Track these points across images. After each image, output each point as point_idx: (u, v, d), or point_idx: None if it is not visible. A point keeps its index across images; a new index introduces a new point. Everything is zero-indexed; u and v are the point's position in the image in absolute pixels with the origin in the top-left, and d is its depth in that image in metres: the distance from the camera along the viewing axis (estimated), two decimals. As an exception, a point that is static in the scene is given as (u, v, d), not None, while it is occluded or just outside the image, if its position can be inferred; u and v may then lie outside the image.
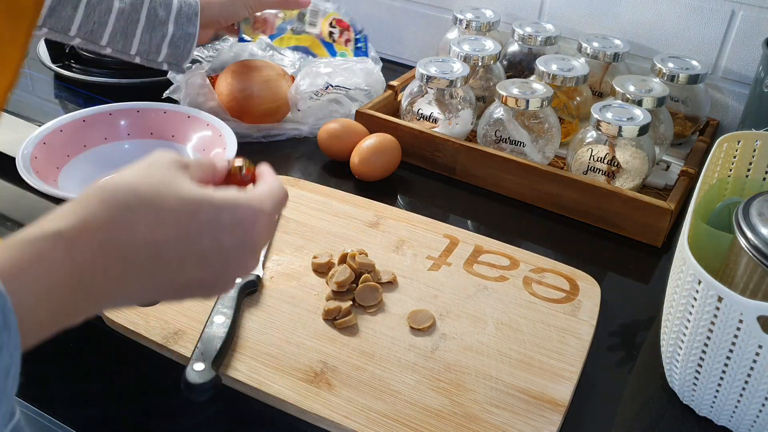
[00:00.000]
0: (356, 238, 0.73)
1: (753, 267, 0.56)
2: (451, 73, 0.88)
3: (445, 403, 0.55)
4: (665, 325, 0.58)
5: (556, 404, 0.56)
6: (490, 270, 0.70)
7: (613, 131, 0.78)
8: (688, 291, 0.52)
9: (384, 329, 0.62)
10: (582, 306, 0.66)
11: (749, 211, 0.57)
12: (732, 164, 0.69)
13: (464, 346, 0.61)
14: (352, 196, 0.80)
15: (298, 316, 0.63)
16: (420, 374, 0.58)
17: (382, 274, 0.67)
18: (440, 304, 0.65)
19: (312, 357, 0.59)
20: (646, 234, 0.78)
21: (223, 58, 1.04)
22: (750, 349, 0.50)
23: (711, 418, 0.57)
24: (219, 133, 0.84)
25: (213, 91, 0.94)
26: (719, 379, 0.53)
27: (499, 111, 0.85)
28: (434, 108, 0.89)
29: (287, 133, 0.94)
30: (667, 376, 0.60)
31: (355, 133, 0.88)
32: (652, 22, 1.00)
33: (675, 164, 0.90)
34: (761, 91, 0.84)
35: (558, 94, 0.90)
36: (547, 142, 0.85)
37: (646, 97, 0.83)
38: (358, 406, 0.54)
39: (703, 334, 0.52)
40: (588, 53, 0.96)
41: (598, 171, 0.81)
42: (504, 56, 1.03)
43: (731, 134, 0.67)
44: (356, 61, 1.00)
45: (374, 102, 0.94)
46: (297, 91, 0.93)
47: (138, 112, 0.86)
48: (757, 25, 0.94)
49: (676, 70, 0.90)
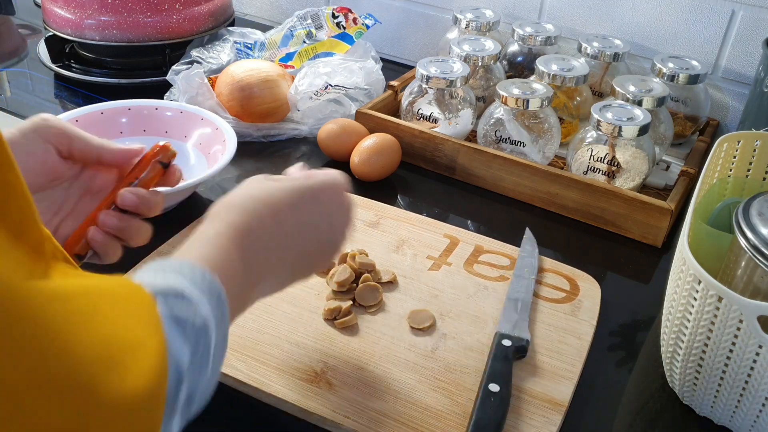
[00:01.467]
0: (356, 238, 0.73)
1: (753, 267, 0.56)
2: (451, 73, 0.88)
3: (445, 402, 0.55)
4: (665, 325, 0.58)
5: (556, 404, 0.56)
6: (490, 270, 0.70)
7: (613, 131, 0.78)
8: (688, 291, 0.53)
9: (384, 329, 0.62)
10: (582, 306, 0.66)
11: (749, 211, 0.57)
12: (732, 164, 0.69)
13: (464, 346, 0.61)
14: (351, 196, 0.80)
15: (298, 316, 0.63)
16: (420, 374, 0.58)
17: (382, 274, 0.67)
18: (440, 304, 0.65)
19: (312, 357, 0.59)
20: (646, 234, 0.78)
21: (223, 59, 1.04)
22: (750, 349, 0.50)
23: (711, 418, 0.57)
24: (215, 127, 0.84)
25: (212, 90, 0.94)
26: (719, 379, 0.53)
27: (499, 111, 0.85)
28: (434, 108, 0.89)
29: (287, 133, 0.94)
30: (667, 376, 0.60)
31: (355, 133, 0.88)
32: (652, 22, 1.00)
33: (675, 164, 0.90)
34: (761, 91, 0.84)
35: (558, 94, 0.90)
36: (547, 142, 0.85)
37: (646, 97, 0.83)
38: (358, 406, 0.54)
39: (703, 334, 0.52)
40: (588, 53, 0.96)
41: (598, 171, 0.81)
42: (504, 56, 1.03)
43: (731, 134, 0.67)
44: (356, 60, 1.00)
45: (374, 102, 0.94)
46: (297, 91, 0.93)
47: (129, 109, 0.86)
48: (757, 25, 0.94)
49: (676, 70, 0.90)
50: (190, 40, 1.06)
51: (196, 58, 1.03)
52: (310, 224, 0.49)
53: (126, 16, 1.01)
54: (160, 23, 1.03)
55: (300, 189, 0.49)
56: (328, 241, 0.52)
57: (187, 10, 1.05)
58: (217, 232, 0.43)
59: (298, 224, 0.48)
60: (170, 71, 0.98)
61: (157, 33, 1.03)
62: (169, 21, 1.03)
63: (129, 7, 1.01)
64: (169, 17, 1.03)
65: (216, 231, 0.43)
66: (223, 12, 1.12)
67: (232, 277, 0.42)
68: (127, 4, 1.01)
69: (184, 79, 0.94)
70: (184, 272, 0.38)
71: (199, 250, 0.42)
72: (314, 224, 0.50)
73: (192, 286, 0.37)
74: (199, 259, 0.40)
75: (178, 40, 1.05)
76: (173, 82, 0.96)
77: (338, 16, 1.06)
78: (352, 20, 1.06)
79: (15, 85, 1.06)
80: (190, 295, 0.36)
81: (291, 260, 0.48)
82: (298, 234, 0.48)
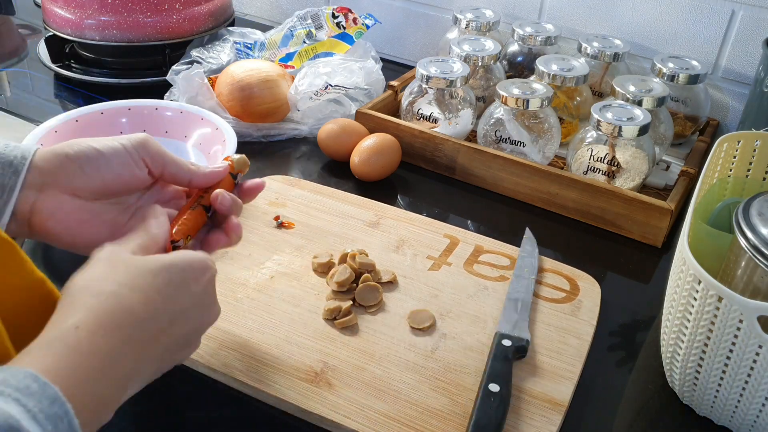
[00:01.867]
0: (356, 238, 0.74)
1: (753, 267, 0.56)
2: (451, 73, 0.88)
3: (445, 402, 0.55)
4: (665, 325, 0.58)
5: (556, 404, 0.56)
6: (490, 270, 0.70)
7: (613, 131, 0.78)
8: (688, 291, 0.53)
9: (384, 329, 0.62)
10: (582, 306, 0.66)
11: (749, 211, 0.57)
12: (732, 164, 0.69)
13: (464, 346, 0.61)
14: (352, 196, 0.80)
15: (298, 316, 0.63)
16: (420, 374, 0.58)
17: (382, 274, 0.67)
18: (440, 304, 0.65)
19: (312, 357, 0.59)
20: (646, 234, 0.78)
21: (223, 59, 1.04)
22: (750, 349, 0.50)
23: (711, 418, 0.57)
24: (215, 127, 0.84)
25: (212, 90, 0.94)
26: (719, 379, 0.53)
27: (499, 111, 0.85)
28: (434, 108, 0.89)
29: (287, 133, 0.94)
30: (667, 376, 0.60)
31: (355, 133, 0.88)
32: (652, 22, 1.00)
33: (675, 164, 0.90)
34: (761, 91, 0.84)
35: (558, 94, 0.90)
36: (547, 142, 0.85)
37: (646, 97, 0.83)
38: (359, 406, 0.54)
39: (703, 334, 0.52)
40: (588, 53, 0.96)
41: (598, 171, 0.81)
42: (504, 56, 1.03)
43: (731, 134, 0.67)
44: (356, 60, 1.00)
45: (374, 102, 0.94)
46: (297, 91, 0.93)
47: (129, 109, 0.86)
48: (757, 25, 0.94)
49: (676, 70, 0.90)
50: (190, 40, 1.06)
51: (196, 58, 1.03)
52: (178, 309, 0.45)
53: (126, 16, 1.01)
54: (160, 23, 1.03)
55: (171, 271, 0.45)
56: (195, 330, 0.47)
57: (187, 10, 1.05)
58: (77, 324, 0.39)
59: (170, 315, 0.44)
60: (170, 71, 0.98)
61: (157, 33, 1.03)
62: (169, 21, 1.03)
63: (129, 7, 1.01)
64: (169, 17, 1.03)
65: (76, 323, 0.39)
66: (223, 12, 1.12)
67: (94, 384, 0.38)
68: (127, 4, 1.01)
69: (184, 79, 0.94)
70: (28, 394, 0.34)
71: (54, 352, 0.37)
72: (181, 308, 0.45)
73: (30, 420, 0.33)
74: (51, 368, 0.36)
75: (178, 40, 1.05)
76: (173, 82, 0.96)
77: (338, 16, 1.06)
78: (352, 20, 1.06)
79: (15, 85, 1.06)
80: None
81: (159, 355, 0.44)
82: (168, 325, 0.44)
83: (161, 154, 0.53)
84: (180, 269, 0.45)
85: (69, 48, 1.09)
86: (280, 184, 0.81)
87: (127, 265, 0.44)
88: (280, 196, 0.79)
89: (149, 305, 0.42)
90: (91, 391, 0.37)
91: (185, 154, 0.85)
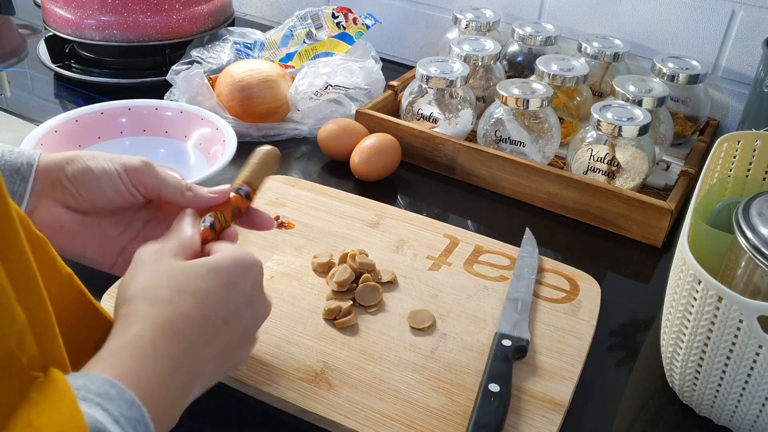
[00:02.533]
0: (356, 238, 0.74)
1: (753, 267, 0.56)
2: (451, 73, 0.88)
3: (445, 402, 0.55)
4: (665, 325, 0.58)
5: (556, 404, 0.56)
6: (490, 270, 0.70)
7: (613, 131, 0.78)
8: (688, 291, 0.53)
9: (384, 329, 0.62)
10: (582, 306, 0.66)
11: (749, 211, 0.57)
12: (732, 164, 0.69)
13: (464, 346, 0.61)
14: (352, 196, 0.80)
15: (298, 316, 0.63)
16: (420, 374, 0.58)
17: (382, 274, 0.67)
18: (440, 304, 0.65)
19: (312, 357, 0.59)
20: (646, 234, 0.78)
21: (223, 59, 1.04)
22: (750, 349, 0.50)
23: (711, 418, 0.57)
24: (215, 127, 0.84)
25: (212, 90, 0.94)
26: (719, 379, 0.53)
27: (499, 111, 0.86)
28: (434, 108, 0.89)
29: (287, 133, 0.94)
30: (667, 376, 0.60)
31: (355, 133, 0.88)
32: (652, 22, 1.00)
33: (675, 164, 0.90)
34: (761, 91, 0.84)
35: (558, 94, 0.90)
36: (547, 142, 0.85)
37: (646, 97, 0.83)
38: (358, 406, 0.54)
39: (703, 334, 0.52)
40: (588, 53, 0.96)
41: (598, 171, 0.81)
42: (504, 56, 1.03)
43: (731, 134, 0.67)
44: (356, 60, 1.00)
45: (374, 102, 0.94)
46: (297, 91, 0.93)
47: (129, 109, 0.86)
48: (757, 25, 0.94)
49: (676, 70, 0.90)
50: (190, 40, 1.06)
51: (196, 58, 1.03)
52: (231, 309, 0.45)
53: (126, 16, 1.01)
54: (160, 23, 1.03)
55: (218, 273, 0.45)
56: (250, 327, 0.48)
57: (187, 10, 1.05)
58: (140, 334, 0.40)
59: (223, 315, 0.44)
60: (170, 71, 0.98)
61: (157, 33, 1.03)
62: (169, 21, 1.03)
63: (129, 7, 1.01)
64: (169, 17, 1.03)
65: (139, 333, 0.40)
66: (223, 12, 1.12)
67: (162, 389, 0.39)
68: (127, 4, 1.01)
69: (184, 79, 0.94)
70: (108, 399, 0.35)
71: (122, 360, 0.38)
72: (234, 308, 0.45)
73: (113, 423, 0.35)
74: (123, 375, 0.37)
75: (178, 40, 1.05)
76: (173, 82, 0.96)
77: (338, 16, 1.06)
78: (352, 20, 1.06)
79: (15, 85, 1.06)
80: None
81: (216, 355, 0.44)
82: (223, 324, 0.44)
83: (157, 181, 0.52)
84: (227, 269, 0.46)
85: (69, 48, 1.09)
86: (280, 184, 0.81)
87: (174, 271, 0.44)
88: (280, 196, 0.79)
89: (203, 309, 0.43)
90: (159, 396, 0.38)
91: (185, 154, 0.85)
